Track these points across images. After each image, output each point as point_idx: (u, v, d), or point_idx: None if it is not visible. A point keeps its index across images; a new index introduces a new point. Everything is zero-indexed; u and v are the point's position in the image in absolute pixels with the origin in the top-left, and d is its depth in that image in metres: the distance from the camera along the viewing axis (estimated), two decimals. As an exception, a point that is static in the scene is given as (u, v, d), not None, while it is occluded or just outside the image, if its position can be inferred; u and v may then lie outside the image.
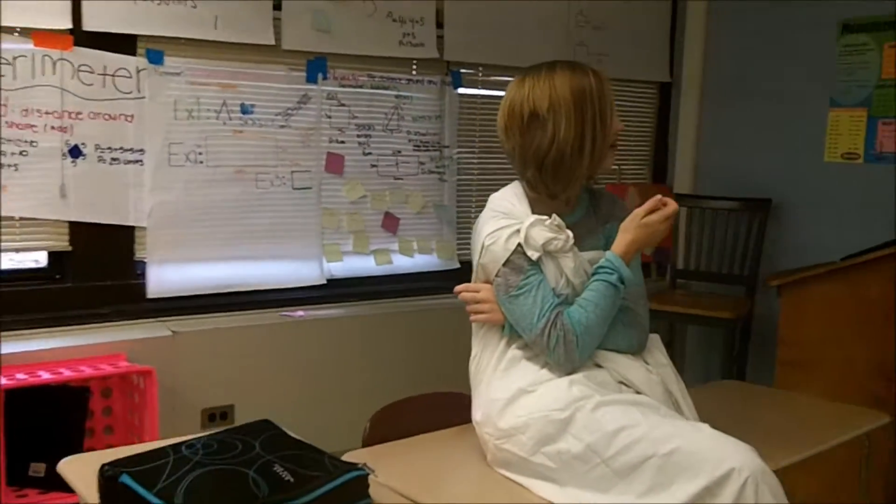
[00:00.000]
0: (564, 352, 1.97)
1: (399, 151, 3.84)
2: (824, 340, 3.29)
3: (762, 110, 4.26)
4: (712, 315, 3.91)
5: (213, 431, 1.81)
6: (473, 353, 2.16)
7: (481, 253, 2.05)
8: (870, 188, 3.83)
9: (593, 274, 2.05)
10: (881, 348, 3.21)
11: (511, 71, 4.02)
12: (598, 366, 2.05)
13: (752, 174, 4.26)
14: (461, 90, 3.96)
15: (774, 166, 4.21)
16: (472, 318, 2.11)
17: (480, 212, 2.13)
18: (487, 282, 2.08)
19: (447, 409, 2.31)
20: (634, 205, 2.07)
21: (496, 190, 2.16)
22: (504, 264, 2.01)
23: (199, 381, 3.20)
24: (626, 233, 2.06)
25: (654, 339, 2.15)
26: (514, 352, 2.07)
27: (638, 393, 2.02)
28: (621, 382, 2.04)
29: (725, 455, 1.75)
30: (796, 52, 4.12)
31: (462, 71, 3.95)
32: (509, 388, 2.01)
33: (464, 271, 3.90)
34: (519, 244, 2.00)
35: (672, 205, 2.05)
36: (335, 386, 3.50)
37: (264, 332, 3.39)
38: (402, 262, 3.91)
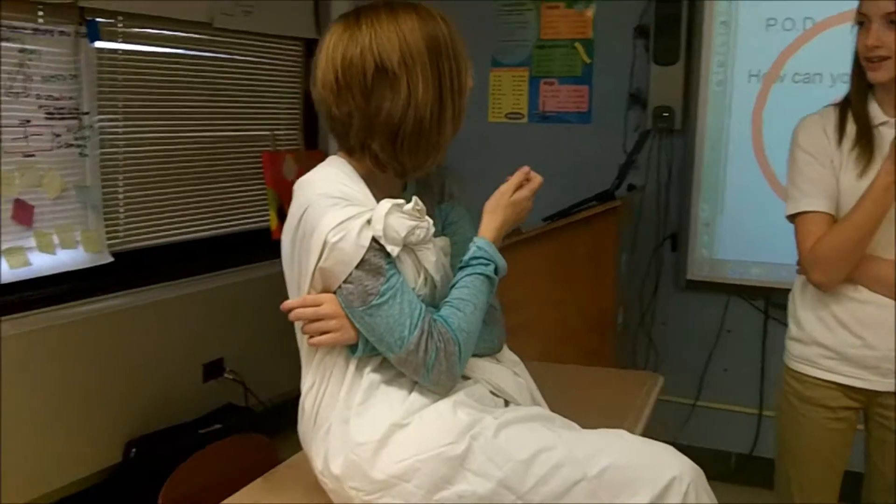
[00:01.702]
0: (446, 367, 1.58)
1: (28, 121, 3.00)
2: (540, 302, 3.23)
3: (420, 70, 4.09)
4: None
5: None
6: (308, 385, 1.66)
7: (322, 254, 1.55)
8: (535, 147, 3.87)
9: (463, 266, 1.67)
10: (594, 305, 3.24)
11: (157, 22, 3.37)
12: (465, 377, 1.69)
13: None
14: (99, 44, 3.21)
15: (436, 128, 4.08)
16: (315, 340, 1.60)
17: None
18: (326, 291, 1.61)
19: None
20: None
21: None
22: (357, 266, 1.55)
23: None
24: (495, 214, 1.72)
25: None
26: (370, 377, 1.61)
27: (507, 402, 1.72)
28: (492, 393, 1.72)
29: (662, 464, 1.53)
30: (454, 11, 3.98)
31: (99, 20, 3.20)
32: (378, 426, 1.56)
33: (115, 268, 3.24)
34: (374, 238, 1.56)
35: (537, 177, 1.75)
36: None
37: None
38: (43, 262, 3.10)
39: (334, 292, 1.58)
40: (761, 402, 3.65)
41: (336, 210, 1.55)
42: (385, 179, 1.69)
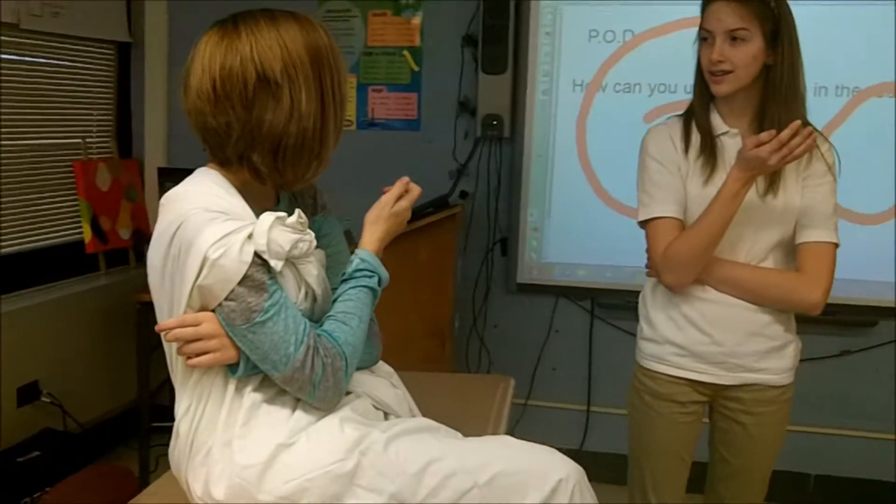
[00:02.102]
0: (333, 382, 1.54)
1: None
2: (381, 309, 3.20)
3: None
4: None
5: None
6: (183, 407, 1.57)
7: (201, 271, 1.46)
8: (365, 155, 3.84)
9: (346, 279, 1.64)
10: (434, 310, 3.26)
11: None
12: (347, 392, 1.65)
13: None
14: None
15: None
16: (195, 361, 1.51)
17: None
18: (204, 309, 1.52)
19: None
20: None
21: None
22: (240, 283, 1.48)
23: None
24: (376, 225, 1.70)
25: None
26: (251, 397, 1.55)
27: (387, 415, 1.71)
28: (374, 406, 1.69)
29: (548, 467, 1.57)
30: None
31: None
32: (263, 447, 1.50)
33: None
34: (256, 253, 1.49)
35: (416, 188, 1.75)
36: None
37: None
38: None
39: (213, 310, 1.50)
40: (589, 398, 3.81)
41: (215, 225, 1.47)
42: (260, 192, 1.64)
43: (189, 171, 1.65)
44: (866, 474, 3.53)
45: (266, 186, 1.62)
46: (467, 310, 3.82)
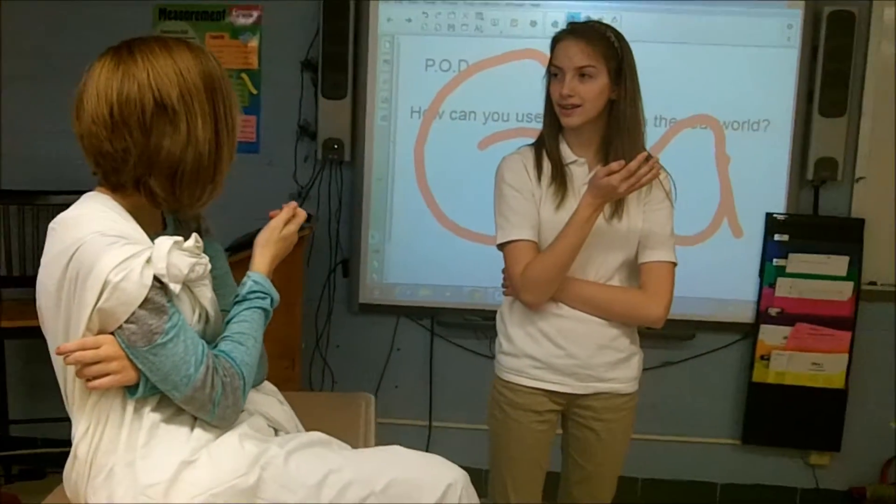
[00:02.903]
0: (232, 401, 1.59)
1: None
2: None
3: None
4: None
5: None
6: (82, 430, 1.57)
7: (101, 294, 1.48)
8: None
9: (240, 300, 1.68)
10: (284, 332, 3.29)
11: None
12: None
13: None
14: None
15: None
16: (97, 383, 1.51)
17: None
18: (102, 332, 1.52)
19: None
20: None
21: None
22: (140, 305, 1.50)
23: None
24: (266, 248, 1.75)
25: None
26: (150, 417, 1.58)
27: (277, 432, 1.76)
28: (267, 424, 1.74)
29: (438, 473, 1.69)
30: (112, 33, 3.80)
31: None
32: (166, 465, 1.54)
33: None
34: (155, 276, 1.51)
35: (302, 212, 1.82)
36: None
37: None
38: None
39: (112, 333, 1.51)
40: (430, 414, 3.93)
41: (115, 249, 1.49)
42: (149, 216, 1.66)
43: (22, 193, 1.64)
44: (689, 476, 3.85)
45: (157, 211, 1.65)
46: (310, 330, 3.86)
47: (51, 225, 1.62)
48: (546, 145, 2.29)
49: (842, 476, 3.85)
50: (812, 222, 3.71)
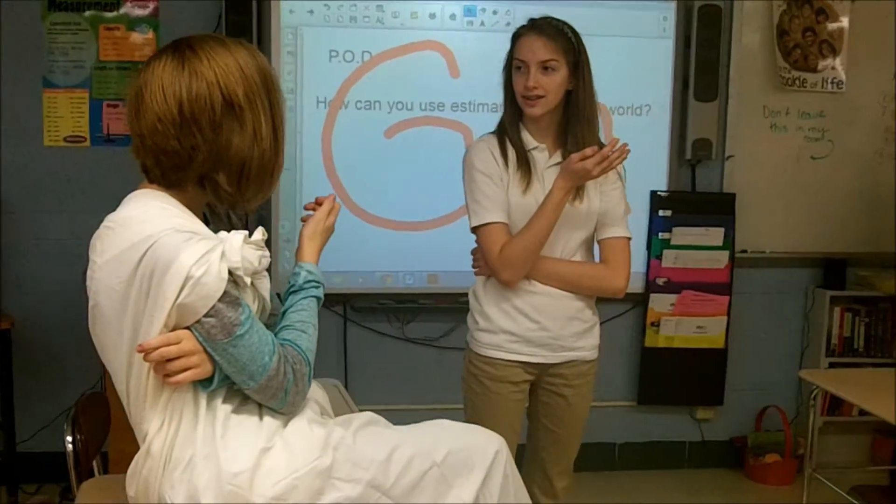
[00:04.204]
0: (301, 388, 1.66)
1: None
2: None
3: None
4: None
5: None
6: (155, 426, 1.59)
7: (182, 289, 1.51)
8: (102, 171, 3.70)
9: (296, 290, 1.73)
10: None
11: None
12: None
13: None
14: None
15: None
16: (180, 377, 1.53)
17: None
18: (178, 327, 1.55)
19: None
20: None
21: None
22: (220, 299, 1.54)
23: None
24: (314, 240, 1.82)
25: None
26: (223, 409, 1.62)
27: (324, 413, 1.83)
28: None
29: (485, 442, 1.80)
30: (-1, 27, 3.63)
31: None
32: (246, 454, 1.58)
33: None
34: (229, 270, 1.56)
35: (338, 205, 1.88)
36: None
37: None
38: None
39: (186, 328, 1.54)
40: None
41: (192, 244, 1.52)
42: (196, 211, 1.68)
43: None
44: (590, 439, 4.07)
45: (201, 206, 1.69)
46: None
47: (105, 224, 1.62)
48: (508, 133, 2.45)
49: (724, 428, 4.26)
50: (691, 198, 4.07)
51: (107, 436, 2.40)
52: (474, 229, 2.42)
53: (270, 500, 1.55)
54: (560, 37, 2.35)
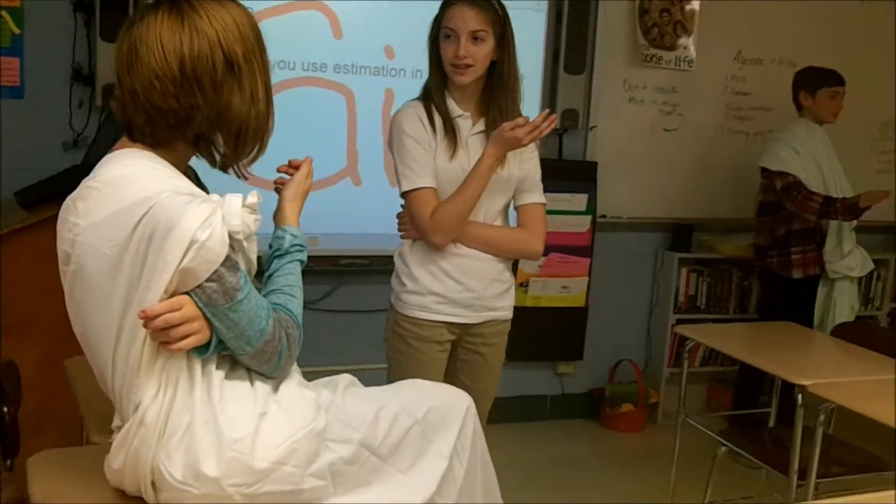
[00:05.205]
0: (293, 351, 1.68)
1: None
2: (43, 295, 3.00)
3: None
4: None
5: None
6: (150, 394, 1.56)
7: (186, 254, 1.48)
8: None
9: (282, 254, 1.74)
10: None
11: None
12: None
13: None
14: None
15: None
16: (181, 344, 1.51)
17: None
18: (177, 293, 1.53)
19: None
20: None
21: None
22: (222, 263, 1.53)
23: None
24: (295, 202, 1.83)
25: None
26: (217, 374, 1.62)
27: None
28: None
29: (456, 398, 1.90)
30: None
31: None
32: (245, 419, 1.59)
33: None
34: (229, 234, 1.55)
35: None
36: None
37: None
38: None
39: (185, 293, 1.52)
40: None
41: (194, 207, 1.50)
42: (182, 171, 1.66)
43: None
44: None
45: (185, 166, 1.67)
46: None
47: (87, 184, 1.56)
48: (434, 100, 2.51)
49: (583, 381, 4.54)
50: (559, 165, 4.27)
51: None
52: (405, 193, 2.48)
53: (272, 463, 1.57)
54: (489, 8, 2.44)
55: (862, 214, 3.76)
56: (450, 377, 2.68)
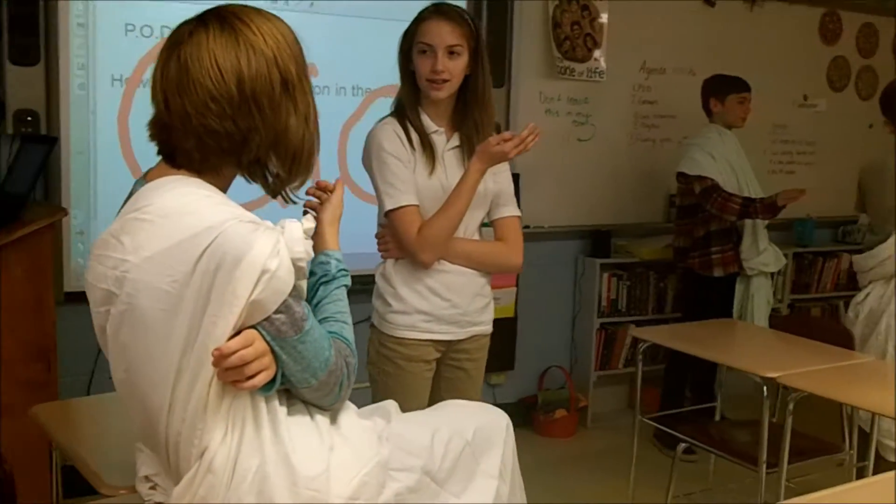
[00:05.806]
0: (351, 381, 1.62)
1: None
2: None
3: None
4: None
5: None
6: (218, 437, 1.46)
7: (256, 285, 1.40)
8: None
9: (329, 280, 1.66)
10: (34, 331, 2.94)
11: None
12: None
13: None
14: None
15: None
16: (254, 381, 1.42)
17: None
18: (245, 327, 1.44)
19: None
20: None
21: None
22: (290, 293, 1.46)
23: None
24: (334, 226, 1.76)
25: None
26: (281, 410, 1.55)
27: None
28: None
29: (497, 416, 1.90)
30: None
31: None
32: (317, 456, 1.53)
33: None
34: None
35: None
36: None
37: None
38: None
39: (252, 327, 1.44)
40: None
41: (260, 235, 1.43)
42: None
43: None
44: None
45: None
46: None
47: (134, 216, 1.46)
48: (409, 117, 2.48)
49: (514, 390, 4.57)
50: (483, 178, 4.28)
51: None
52: (389, 212, 2.43)
53: (346, 499, 1.50)
54: (463, 23, 2.43)
55: (779, 213, 3.96)
56: (433, 394, 2.65)
